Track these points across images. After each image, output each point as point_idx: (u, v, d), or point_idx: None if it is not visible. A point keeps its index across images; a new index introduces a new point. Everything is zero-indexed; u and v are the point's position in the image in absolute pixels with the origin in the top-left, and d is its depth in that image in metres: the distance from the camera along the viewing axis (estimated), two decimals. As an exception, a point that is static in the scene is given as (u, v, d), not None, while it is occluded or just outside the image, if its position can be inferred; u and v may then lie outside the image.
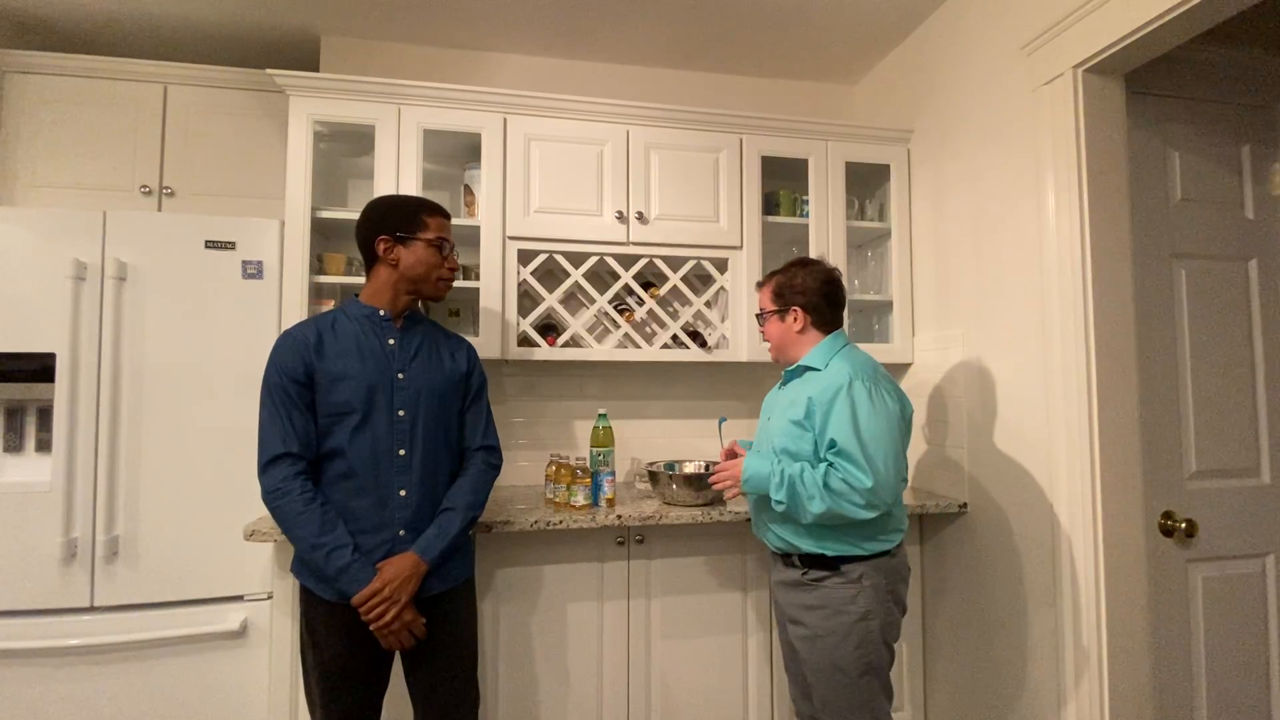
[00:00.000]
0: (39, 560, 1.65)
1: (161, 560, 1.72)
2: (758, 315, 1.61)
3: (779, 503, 1.39)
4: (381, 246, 1.41)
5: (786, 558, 1.49)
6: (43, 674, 1.65)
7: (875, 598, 1.40)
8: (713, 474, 1.54)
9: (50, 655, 1.65)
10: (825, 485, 1.33)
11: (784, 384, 1.57)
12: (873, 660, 1.39)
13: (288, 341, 1.36)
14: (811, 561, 1.43)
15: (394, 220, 1.41)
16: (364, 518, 1.33)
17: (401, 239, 1.40)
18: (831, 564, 1.41)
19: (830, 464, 1.36)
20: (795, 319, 1.51)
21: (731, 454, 1.61)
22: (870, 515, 1.34)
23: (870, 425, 1.34)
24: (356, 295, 1.46)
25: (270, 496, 1.29)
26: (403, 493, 1.37)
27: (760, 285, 1.61)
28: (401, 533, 1.36)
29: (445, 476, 1.44)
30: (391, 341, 1.41)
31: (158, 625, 1.70)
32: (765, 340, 1.60)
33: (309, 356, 1.34)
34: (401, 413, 1.38)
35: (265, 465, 1.30)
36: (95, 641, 1.66)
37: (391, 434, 1.37)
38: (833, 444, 1.35)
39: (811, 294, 1.50)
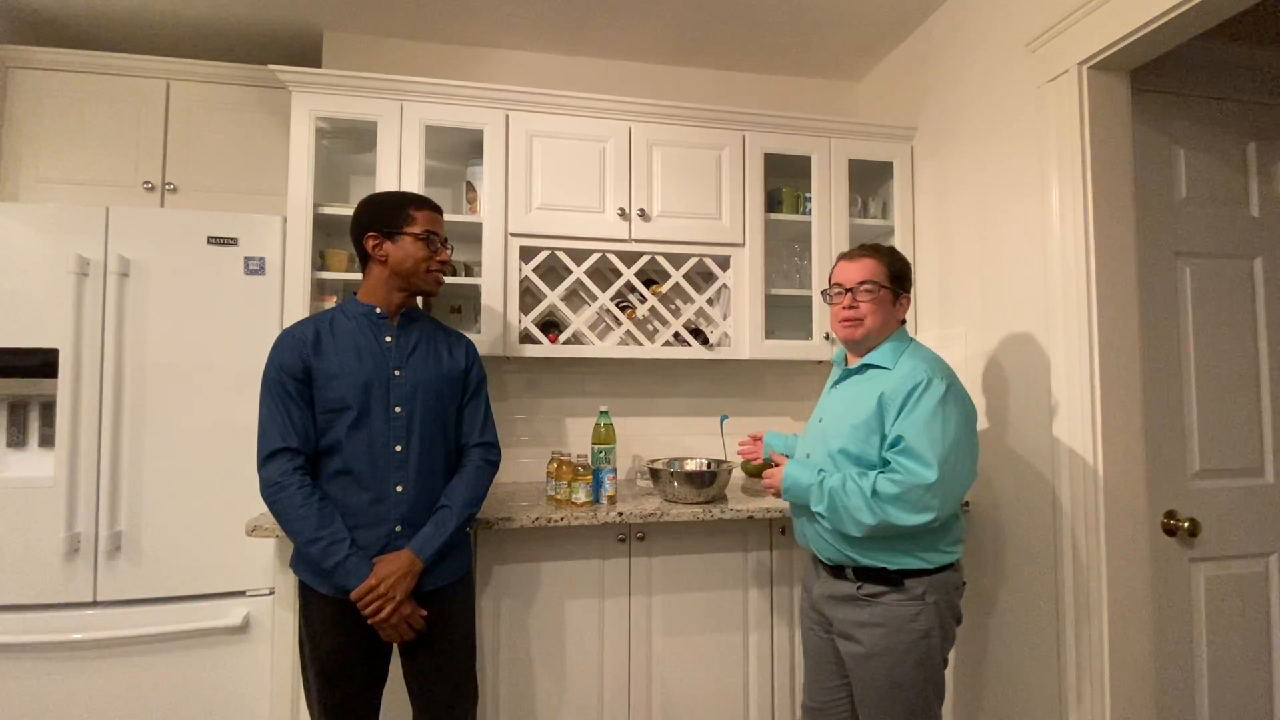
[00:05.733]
0: (42, 555, 1.66)
1: (164, 555, 1.73)
2: (849, 289, 1.40)
3: (820, 516, 1.33)
4: (370, 243, 1.41)
5: (838, 570, 1.38)
6: (46, 668, 1.66)
7: (937, 615, 1.31)
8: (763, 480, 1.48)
9: (53, 650, 1.66)
10: (873, 493, 1.25)
11: (839, 381, 1.48)
12: (930, 674, 1.32)
13: (287, 339, 1.38)
14: (867, 575, 1.33)
15: (381, 216, 1.42)
16: (361, 513, 1.34)
17: (389, 234, 1.41)
18: (893, 579, 1.31)
19: (885, 467, 1.29)
20: (904, 306, 1.44)
21: (758, 439, 1.64)
22: (926, 518, 1.23)
23: (945, 423, 1.25)
24: (355, 294, 1.47)
25: (269, 491, 1.30)
26: (399, 488, 1.37)
27: (853, 256, 1.44)
28: (398, 528, 1.36)
29: (443, 472, 1.45)
30: (389, 339, 1.42)
31: (160, 620, 1.71)
32: (854, 315, 1.40)
33: (307, 354, 1.35)
34: (398, 409, 1.38)
35: (264, 459, 1.31)
36: (98, 636, 1.67)
37: (388, 430, 1.37)
38: (898, 440, 1.27)
39: (911, 287, 1.48)
